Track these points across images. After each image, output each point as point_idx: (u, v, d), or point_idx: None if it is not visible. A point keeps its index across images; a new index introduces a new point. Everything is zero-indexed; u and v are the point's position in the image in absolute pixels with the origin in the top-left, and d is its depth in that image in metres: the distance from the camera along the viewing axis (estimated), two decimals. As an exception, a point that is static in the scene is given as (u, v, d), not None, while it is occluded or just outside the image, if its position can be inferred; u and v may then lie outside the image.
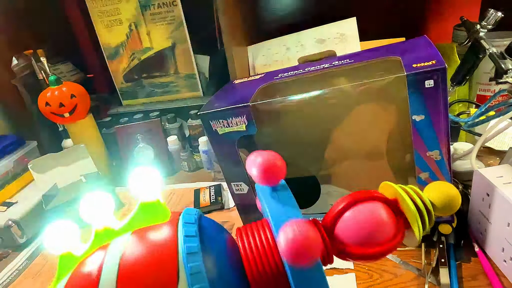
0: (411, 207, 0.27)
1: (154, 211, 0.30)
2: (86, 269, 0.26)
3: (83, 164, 0.77)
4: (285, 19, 0.95)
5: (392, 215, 0.28)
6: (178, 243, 0.26)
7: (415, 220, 0.27)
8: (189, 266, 0.25)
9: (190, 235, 0.27)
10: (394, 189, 0.29)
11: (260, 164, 0.27)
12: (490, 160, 0.65)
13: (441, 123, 0.41)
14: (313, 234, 0.23)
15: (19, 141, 0.88)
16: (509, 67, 0.49)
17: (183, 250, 0.26)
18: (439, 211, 0.29)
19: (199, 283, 0.25)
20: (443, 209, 0.28)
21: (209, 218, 0.32)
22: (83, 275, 0.26)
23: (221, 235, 0.31)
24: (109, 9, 0.84)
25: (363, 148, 0.52)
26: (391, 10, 0.90)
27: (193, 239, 0.27)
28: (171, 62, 0.88)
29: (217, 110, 0.49)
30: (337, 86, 0.45)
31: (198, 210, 0.31)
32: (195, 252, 0.26)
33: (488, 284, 0.45)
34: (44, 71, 0.83)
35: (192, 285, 0.25)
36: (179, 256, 0.26)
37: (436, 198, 0.28)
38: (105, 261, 0.26)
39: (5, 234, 0.67)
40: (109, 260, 0.26)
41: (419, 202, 0.28)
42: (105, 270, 0.26)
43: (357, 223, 0.27)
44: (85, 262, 0.27)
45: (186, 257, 0.25)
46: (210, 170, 0.83)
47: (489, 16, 0.55)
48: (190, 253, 0.26)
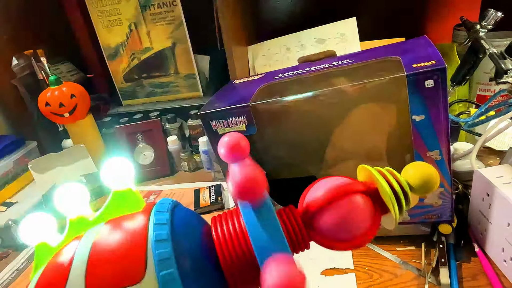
0: (387, 189, 0.28)
1: (129, 201, 0.31)
2: (59, 259, 0.27)
3: (83, 164, 0.77)
4: (285, 19, 0.95)
5: (371, 207, 0.29)
6: (148, 231, 0.27)
7: (391, 203, 0.28)
8: (157, 252, 0.25)
9: (160, 223, 0.27)
10: (370, 172, 0.29)
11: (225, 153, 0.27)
12: (490, 160, 0.65)
13: (441, 123, 0.41)
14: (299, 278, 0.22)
15: (19, 141, 0.88)
16: (509, 67, 0.49)
17: (152, 238, 0.26)
18: (417, 191, 0.29)
19: (167, 269, 0.25)
20: (420, 188, 0.28)
21: (186, 208, 0.32)
22: (56, 265, 0.27)
23: (195, 224, 0.31)
24: (109, 9, 0.84)
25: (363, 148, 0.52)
26: (391, 10, 0.90)
27: (163, 226, 0.27)
28: (171, 62, 0.88)
29: (217, 110, 0.49)
30: (337, 86, 0.45)
31: (174, 200, 0.31)
32: (164, 240, 0.26)
33: (488, 284, 0.45)
34: (44, 71, 0.83)
35: (159, 271, 0.25)
36: (148, 244, 0.26)
37: (413, 178, 0.28)
38: (76, 250, 0.27)
39: (5, 234, 0.67)
40: (80, 249, 0.27)
41: (395, 183, 0.28)
42: (76, 258, 0.26)
43: (337, 221, 0.28)
44: (59, 252, 0.28)
45: (155, 244, 0.26)
46: (210, 170, 0.83)
47: (489, 16, 0.55)
48: (159, 240, 0.26)
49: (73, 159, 0.77)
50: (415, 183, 0.28)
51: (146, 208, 0.30)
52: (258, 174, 0.26)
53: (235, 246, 0.28)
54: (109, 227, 0.28)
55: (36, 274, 0.27)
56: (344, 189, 0.28)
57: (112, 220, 0.29)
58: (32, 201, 0.73)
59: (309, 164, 0.55)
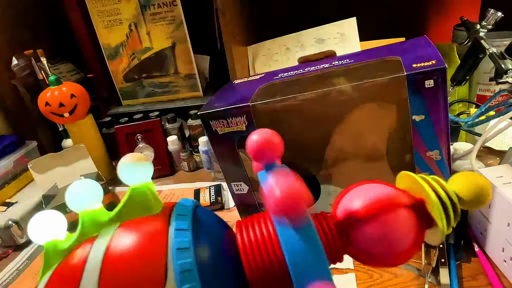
0: (436, 202, 0.24)
1: (146, 201, 0.28)
2: (70, 264, 0.25)
3: (83, 164, 0.77)
4: (285, 19, 0.95)
5: (416, 222, 0.26)
6: (168, 238, 0.24)
7: (440, 216, 0.25)
8: (178, 263, 0.23)
9: (182, 229, 0.24)
10: (414, 181, 0.26)
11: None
12: (490, 160, 0.65)
13: (441, 123, 0.41)
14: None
15: (19, 141, 0.88)
16: (509, 67, 0.49)
17: (173, 245, 0.23)
18: (467, 205, 0.26)
19: (189, 282, 0.22)
20: (471, 202, 0.25)
21: (208, 210, 0.30)
22: (66, 271, 0.25)
23: (218, 229, 0.28)
24: (109, 9, 0.84)
25: (363, 148, 0.52)
26: (391, 10, 0.90)
27: (185, 232, 0.24)
28: (171, 62, 0.88)
29: (217, 110, 0.49)
30: (337, 86, 0.45)
31: (194, 200, 0.29)
32: (187, 248, 0.23)
33: (488, 284, 0.45)
34: (44, 71, 0.83)
35: (181, 284, 0.22)
36: (168, 252, 0.23)
37: (463, 190, 0.25)
38: (89, 256, 0.24)
39: (5, 234, 0.67)
40: (93, 256, 0.24)
41: (444, 195, 0.25)
42: (88, 267, 0.24)
43: (379, 237, 0.25)
44: (70, 256, 0.26)
45: (176, 253, 0.23)
46: (210, 170, 0.83)
47: (489, 16, 0.55)
48: (181, 248, 0.23)
49: (73, 159, 0.77)
50: (465, 195, 0.25)
51: (165, 210, 0.27)
52: (300, 187, 0.23)
53: (263, 256, 0.25)
54: (125, 231, 0.25)
55: (45, 277, 0.26)
56: (390, 202, 0.25)
57: (128, 222, 0.26)
58: (32, 201, 0.73)
59: (309, 164, 0.55)
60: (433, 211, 0.25)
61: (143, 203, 0.27)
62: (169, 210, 0.27)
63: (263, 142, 0.25)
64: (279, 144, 0.25)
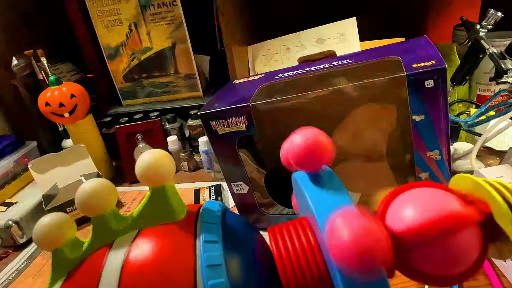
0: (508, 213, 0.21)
1: (167, 204, 0.24)
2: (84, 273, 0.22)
3: (83, 164, 0.77)
4: (285, 19, 0.95)
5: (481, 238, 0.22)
6: (195, 251, 0.21)
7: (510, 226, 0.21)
8: (209, 284, 0.19)
9: (212, 241, 0.21)
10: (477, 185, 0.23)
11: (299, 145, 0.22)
12: (490, 160, 0.65)
13: (441, 123, 0.41)
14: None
15: (19, 141, 0.88)
16: (509, 67, 0.49)
17: (202, 261, 0.20)
18: None
19: None
20: None
21: (235, 214, 0.26)
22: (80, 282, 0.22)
23: (249, 236, 0.24)
24: (109, 9, 0.84)
25: (363, 148, 0.52)
26: (391, 10, 0.90)
27: (215, 245, 0.21)
28: (171, 62, 0.88)
29: (217, 110, 0.49)
30: (337, 86, 0.45)
31: (221, 203, 0.25)
32: (218, 265, 0.20)
33: (488, 284, 0.45)
34: (44, 71, 0.83)
35: None
36: (197, 270, 0.20)
37: None
38: (105, 268, 0.21)
39: (5, 234, 0.67)
40: (109, 268, 0.21)
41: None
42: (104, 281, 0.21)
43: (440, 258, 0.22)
44: (83, 264, 0.23)
45: (206, 271, 0.20)
46: (210, 170, 0.83)
47: (489, 16, 0.55)
48: (212, 265, 0.20)
49: (73, 159, 0.77)
50: None
51: (190, 215, 0.24)
52: (379, 239, 0.18)
53: (303, 268, 0.22)
54: (144, 241, 0.22)
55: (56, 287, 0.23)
56: (457, 221, 0.21)
57: (147, 230, 0.23)
58: (32, 201, 0.73)
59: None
60: (507, 228, 0.21)
61: (164, 207, 0.24)
62: (195, 216, 0.24)
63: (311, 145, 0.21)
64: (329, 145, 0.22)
